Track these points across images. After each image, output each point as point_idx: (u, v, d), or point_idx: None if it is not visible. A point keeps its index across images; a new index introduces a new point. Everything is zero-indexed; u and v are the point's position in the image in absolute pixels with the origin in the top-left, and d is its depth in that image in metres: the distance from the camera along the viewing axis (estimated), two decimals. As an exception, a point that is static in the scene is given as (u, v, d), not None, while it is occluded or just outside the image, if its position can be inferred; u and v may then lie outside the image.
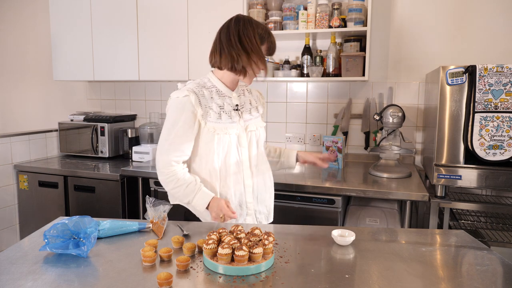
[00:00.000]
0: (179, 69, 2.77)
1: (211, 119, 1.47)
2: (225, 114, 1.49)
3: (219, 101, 1.50)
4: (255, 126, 1.58)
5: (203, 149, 1.51)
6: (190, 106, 1.45)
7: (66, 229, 1.27)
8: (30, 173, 2.87)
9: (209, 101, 1.48)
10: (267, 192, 1.65)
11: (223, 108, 1.50)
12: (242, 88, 1.62)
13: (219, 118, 1.48)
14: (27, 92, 3.74)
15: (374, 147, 2.50)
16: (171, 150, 1.48)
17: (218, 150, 1.49)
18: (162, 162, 1.49)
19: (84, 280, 1.07)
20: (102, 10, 2.93)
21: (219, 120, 1.48)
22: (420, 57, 2.60)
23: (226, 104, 1.51)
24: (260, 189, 1.61)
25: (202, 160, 1.53)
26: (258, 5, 2.56)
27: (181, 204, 1.60)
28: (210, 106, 1.48)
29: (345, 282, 1.05)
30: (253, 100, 1.63)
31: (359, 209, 2.25)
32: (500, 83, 1.83)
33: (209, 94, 1.50)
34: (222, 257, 1.09)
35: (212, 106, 1.48)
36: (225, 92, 1.54)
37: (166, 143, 1.48)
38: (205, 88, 1.51)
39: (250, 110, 1.59)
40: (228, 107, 1.51)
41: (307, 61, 2.59)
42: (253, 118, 1.59)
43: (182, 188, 1.48)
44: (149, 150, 2.95)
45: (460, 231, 1.46)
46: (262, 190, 1.62)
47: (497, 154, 1.87)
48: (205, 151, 1.51)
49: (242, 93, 1.60)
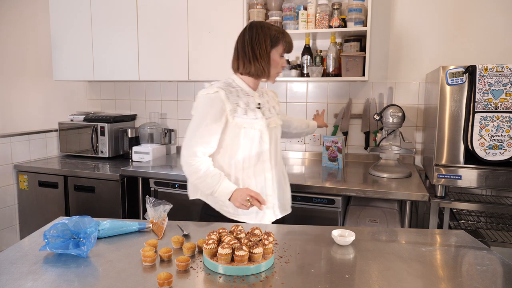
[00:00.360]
0: (179, 69, 2.77)
1: (239, 115, 1.57)
2: (250, 111, 1.61)
3: (244, 99, 1.62)
4: (274, 123, 1.70)
5: (228, 143, 1.60)
6: (219, 102, 1.55)
7: (66, 229, 1.27)
8: (30, 173, 2.87)
9: (236, 99, 1.60)
10: (286, 185, 1.78)
11: (248, 106, 1.62)
12: (261, 89, 1.75)
13: (245, 114, 1.59)
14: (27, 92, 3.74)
15: (374, 147, 2.50)
16: (199, 142, 1.55)
17: (243, 143, 1.59)
18: (188, 153, 1.56)
19: (84, 280, 1.07)
20: (102, 10, 2.93)
21: (245, 116, 1.59)
22: (420, 57, 2.60)
23: (250, 103, 1.63)
24: (280, 182, 1.72)
25: (226, 153, 1.62)
26: (258, 5, 2.56)
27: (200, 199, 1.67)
28: (237, 103, 1.59)
29: (345, 282, 1.05)
30: (270, 99, 1.77)
31: (359, 209, 2.25)
32: (500, 83, 1.83)
33: (235, 93, 1.61)
34: (222, 257, 1.09)
35: (239, 103, 1.59)
36: (249, 92, 1.66)
37: (194, 136, 1.56)
38: (232, 87, 1.63)
39: (269, 109, 1.71)
40: (252, 105, 1.63)
41: (307, 61, 2.59)
42: (272, 116, 1.71)
43: (207, 179, 1.53)
44: (149, 150, 2.95)
45: (460, 231, 1.46)
46: (282, 183, 1.74)
47: (497, 154, 1.87)
48: (230, 145, 1.60)
49: (261, 94, 1.73)
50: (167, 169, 2.60)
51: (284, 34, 1.63)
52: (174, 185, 2.48)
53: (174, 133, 3.25)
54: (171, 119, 3.28)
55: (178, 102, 3.24)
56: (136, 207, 2.71)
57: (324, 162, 2.62)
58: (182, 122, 3.26)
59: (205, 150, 1.56)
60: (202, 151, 1.55)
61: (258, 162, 1.63)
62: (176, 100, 3.24)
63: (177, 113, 3.26)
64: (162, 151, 3.10)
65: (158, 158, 2.97)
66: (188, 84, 3.18)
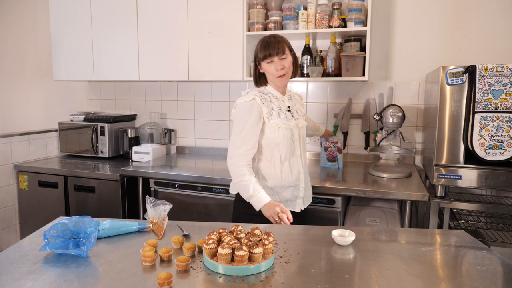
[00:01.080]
0: (179, 69, 2.76)
1: (274, 117, 1.76)
2: (282, 113, 1.79)
3: (276, 103, 1.79)
4: (302, 124, 1.87)
5: (266, 142, 1.77)
6: (257, 107, 1.73)
7: (66, 229, 1.27)
8: (30, 173, 2.87)
9: (270, 103, 1.78)
10: (309, 179, 1.96)
11: (281, 109, 1.79)
12: (289, 94, 1.91)
13: (278, 116, 1.77)
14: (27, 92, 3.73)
15: (374, 147, 2.50)
16: (242, 144, 1.73)
17: (279, 141, 1.76)
18: (235, 155, 1.73)
19: (84, 280, 1.07)
20: (102, 10, 2.93)
21: (279, 118, 1.76)
22: (420, 57, 2.60)
23: (282, 106, 1.80)
24: (307, 175, 1.92)
25: (264, 151, 1.79)
26: (258, 5, 2.56)
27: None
28: (272, 107, 1.77)
29: (345, 282, 1.05)
30: (297, 102, 1.93)
31: (359, 209, 2.25)
32: (500, 83, 1.83)
33: (268, 98, 1.79)
34: (222, 257, 1.09)
35: (273, 107, 1.78)
36: (279, 97, 1.83)
37: (238, 139, 1.74)
38: (264, 94, 1.80)
39: (297, 111, 1.88)
40: (284, 108, 1.81)
41: (307, 61, 2.59)
42: (300, 118, 1.87)
43: (246, 187, 1.69)
44: (149, 150, 2.95)
45: (460, 231, 1.46)
46: (308, 177, 1.94)
47: (497, 154, 1.87)
48: (267, 143, 1.77)
49: (290, 97, 1.89)
50: (167, 169, 2.60)
51: (261, 40, 1.78)
52: (174, 185, 2.48)
53: (174, 133, 3.25)
54: (171, 119, 3.28)
55: (178, 102, 3.24)
56: (136, 207, 2.71)
57: (323, 163, 2.61)
58: (182, 122, 3.26)
59: (249, 152, 1.74)
60: (246, 153, 1.73)
61: (292, 158, 1.80)
62: (176, 100, 3.24)
63: (177, 113, 3.26)
64: (162, 151, 3.10)
65: (158, 158, 2.97)
66: (188, 84, 3.18)
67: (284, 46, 1.75)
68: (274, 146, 1.77)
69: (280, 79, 1.76)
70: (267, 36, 1.79)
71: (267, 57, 1.73)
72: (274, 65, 1.73)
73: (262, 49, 1.75)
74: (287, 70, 1.76)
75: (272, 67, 1.74)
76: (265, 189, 1.74)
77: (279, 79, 1.76)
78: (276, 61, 1.73)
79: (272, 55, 1.72)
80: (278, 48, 1.72)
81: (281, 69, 1.73)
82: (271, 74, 1.77)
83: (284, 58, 1.74)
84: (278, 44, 1.74)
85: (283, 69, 1.74)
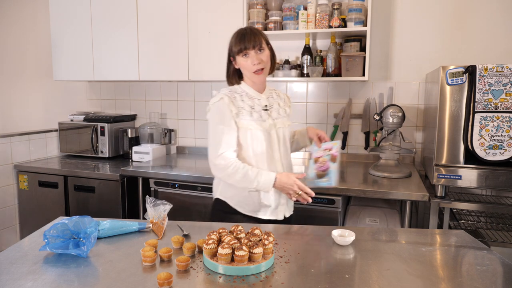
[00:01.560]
0: (179, 69, 2.76)
1: (244, 117, 1.62)
2: (256, 113, 1.65)
3: (249, 102, 1.66)
4: (281, 124, 1.72)
5: (241, 144, 1.65)
6: (226, 107, 1.61)
7: (66, 229, 1.27)
8: (30, 173, 2.87)
9: (240, 103, 1.65)
10: None
11: (254, 108, 1.65)
12: (271, 92, 1.78)
13: (250, 116, 1.63)
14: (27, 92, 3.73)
15: (374, 147, 2.50)
16: (218, 145, 1.61)
17: (251, 144, 1.63)
18: (213, 158, 1.63)
19: (84, 280, 1.07)
20: (102, 10, 2.93)
21: (251, 118, 1.63)
22: (420, 57, 2.60)
23: (256, 105, 1.66)
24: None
25: (240, 152, 1.66)
26: (258, 5, 2.56)
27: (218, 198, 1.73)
28: (242, 106, 1.64)
29: (345, 282, 1.05)
30: (281, 102, 1.78)
31: (359, 209, 2.25)
32: (500, 83, 1.83)
33: (240, 98, 1.66)
34: (222, 257, 1.09)
35: (244, 106, 1.64)
36: (254, 95, 1.69)
37: (213, 141, 1.64)
38: (236, 93, 1.67)
39: (278, 110, 1.73)
40: (258, 107, 1.67)
41: (307, 61, 2.59)
42: (280, 117, 1.72)
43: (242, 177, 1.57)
44: (149, 150, 2.95)
45: (460, 231, 1.46)
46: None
47: (497, 154, 1.87)
48: (243, 145, 1.64)
49: (270, 95, 1.75)
50: (167, 169, 2.60)
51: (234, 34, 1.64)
52: (174, 185, 2.48)
53: (174, 133, 3.25)
54: (171, 119, 3.28)
55: (178, 102, 3.24)
56: (136, 207, 2.71)
57: (310, 182, 1.68)
58: (182, 122, 3.26)
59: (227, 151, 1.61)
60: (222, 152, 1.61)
61: (270, 162, 1.66)
62: (176, 100, 3.24)
63: (177, 113, 3.26)
64: (162, 151, 3.10)
65: (158, 158, 2.97)
66: (188, 84, 3.18)
67: (261, 38, 1.61)
68: (246, 148, 1.64)
69: (257, 75, 1.62)
70: (243, 28, 1.64)
71: (242, 50, 1.59)
72: (251, 59, 1.59)
73: (237, 42, 1.60)
74: (264, 65, 1.61)
75: (248, 61, 1.59)
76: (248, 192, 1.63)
77: (255, 75, 1.62)
78: (253, 55, 1.59)
79: (248, 49, 1.58)
80: (254, 40, 1.58)
81: (258, 63, 1.59)
82: (247, 70, 1.62)
83: (261, 51, 1.60)
84: (255, 36, 1.59)
85: (260, 63, 1.59)
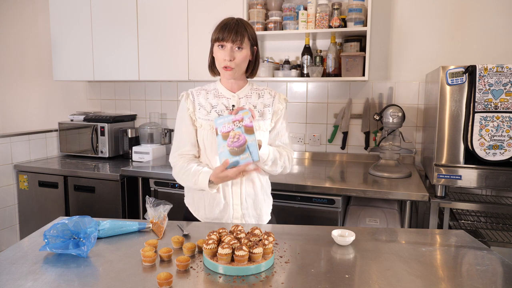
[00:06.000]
0: (179, 69, 2.76)
1: (201, 116, 1.53)
2: (215, 112, 1.52)
3: (213, 101, 1.54)
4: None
5: (200, 144, 1.56)
6: (185, 104, 1.56)
7: (66, 229, 1.27)
8: (30, 173, 2.87)
9: (202, 100, 1.55)
10: (258, 196, 1.55)
11: (216, 108, 1.53)
12: (252, 91, 1.57)
13: (208, 115, 1.52)
14: (27, 92, 3.74)
15: (374, 147, 2.50)
16: (177, 145, 1.57)
17: (203, 143, 1.53)
18: (173, 157, 1.57)
19: (84, 280, 1.07)
20: (102, 10, 2.93)
21: (208, 117, 1.51)
22: (420, 57, 2.60)
23: (220, 104, 1.53)
24: (249, 191, 1.53)
25: (199, 151, 1.58)
26: (258, 5, 2.56)
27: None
28: (202, 104, 1.54)
29: (345, 282, 1.05)
30: (260, 104, 1.55)
31: (359, 209, 2.25)
32: (500, 83, 1.83)
33: (205, 95, 1.56)
34: (222, 257, 1.09)
35: (205, 104, 1.54)
36: (224, 94, 1.55)
37: (175, 140, 1.59)
38: (205, 90, 1.58)
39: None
40: (222, 106, 1.53)
41: (307, 61, 2.59)
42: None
43: (188, 175, 1.49)
44: (149, 150, 2.95)
45: (460, 231, 1.46)
46: (251, 193, 1.53)
47: (497, 154, 1.87)
48: (201, 146, 1.56)
49: (248, 96, 1.55)
50: (167, 169, 2.60)
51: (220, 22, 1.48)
52: (174, 185, 2.48)
53: (174, 133, 3.25)
54: (171, 119, 3.28)
55: (178, 102, 3.23)
56: (136, 207, 2.71)
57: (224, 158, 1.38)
58: (182, 122, 3.25)
59: (185, 152, 1.53)
60: (180, 153, 1.54)
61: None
62: (176, 100, 3.24)
63: (177, 113, 3.25)
64: (162, 151, 3.10)
65: (158, 158, 2.97)
66: (188, 84, 3.17)
67: (244, 34, 1.42)
68: (201, 147, 1.54)
69: (225, 71, 1.45)
70: (231, 17, 1.48)
71: (219, 40, 1.42)
72: (224, 52, 1.42)
73: (217, 29, 1.45)
74: (236, 65, 1.43)
75: (221, 53, 1.43)
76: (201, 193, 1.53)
77: (223, 71, 1.46)
78: (228, 49, 1.42)
79: (225, 40, 1.41)
80: (235, 34, 1.40)
81: (228, 60, 1.42)
82: (217, 62, 1.47)
83: (239, 49, 1.43)
84: (238, 28, 1.42)
85: (231, 61, 1.42)
